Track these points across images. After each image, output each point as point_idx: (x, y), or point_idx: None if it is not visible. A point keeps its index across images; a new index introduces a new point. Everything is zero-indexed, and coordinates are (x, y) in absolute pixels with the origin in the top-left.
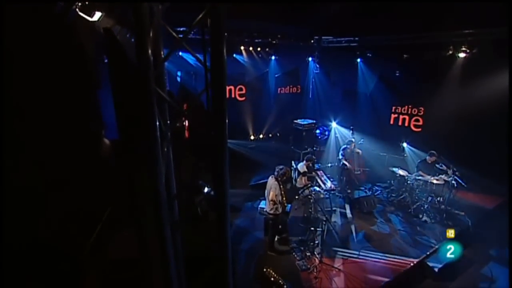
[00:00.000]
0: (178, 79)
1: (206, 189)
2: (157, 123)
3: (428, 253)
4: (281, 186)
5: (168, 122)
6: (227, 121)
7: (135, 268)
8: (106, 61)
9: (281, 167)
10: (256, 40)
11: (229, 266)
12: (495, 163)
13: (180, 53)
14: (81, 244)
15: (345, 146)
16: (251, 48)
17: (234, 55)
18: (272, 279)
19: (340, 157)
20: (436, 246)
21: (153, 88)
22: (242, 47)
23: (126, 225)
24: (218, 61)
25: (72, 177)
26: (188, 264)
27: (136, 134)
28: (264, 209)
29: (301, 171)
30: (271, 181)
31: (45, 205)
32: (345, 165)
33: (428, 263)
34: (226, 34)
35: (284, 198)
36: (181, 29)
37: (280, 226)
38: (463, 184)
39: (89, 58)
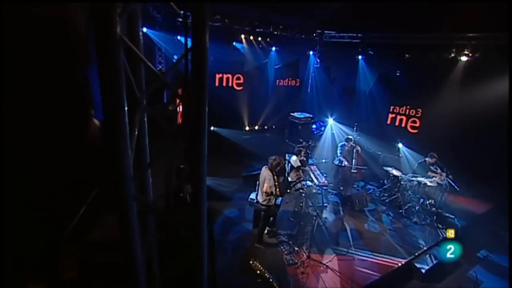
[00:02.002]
0: (174, 62)
1: None
2: (123, 83)
3: (416, 254)
4: (275, 177)
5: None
6: (206, 90)
7: (116, 252)
8: None
9: (274, 157)
10: (258, 30)
11: (203, 253)
12: (488, 169)
13: (178, 37)
14: (62, 225)
15: (343, 143)
16: (251, 37)
17: (234, 43)
18: (258, 272)
19: (339, 154)
20: (425, 248)
21: (118, 36)
22: (242, 36)
23: (112, 208)
24: (199, 46)
25: (58, 158)
26: (169, 250)
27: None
28: (255, 200)
29: (295, 165)
30: (265, 172)
31: (27, 185)
32: (342, 162)
33: (416, 264)
34: (227, 21)
35: (277, 189)
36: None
37: (271, 218)
38: (456, 187)
39: (80, 31)
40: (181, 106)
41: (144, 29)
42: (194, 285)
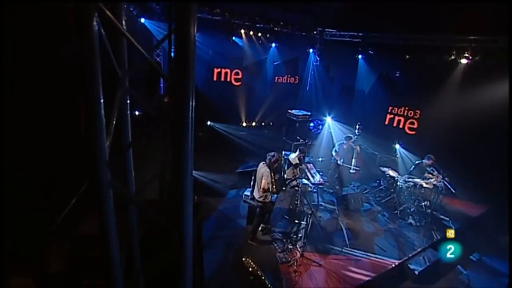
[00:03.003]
0: (172, 54)
1: None
2: (97, 54)
3: (410, 255)
4: (272, 174)
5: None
6: (191, 75)
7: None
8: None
9: (272, 153)
10: (258, 25)
11: (186, 247)
12: (484, 172)
13: None
14: (51, 218)
15: (341, 142)
16: (251, 33)
17: (234, 38)
18: (251, 269)
19: (334, 153)
20: (419, 249)
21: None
22: (242, 31)
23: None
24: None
25: (49, 148)
26: (154, 244)
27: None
28: (250, 197)
29: (293, 162)
30: (262, 168)
31: (16, 176)
32: (336, 160)
33: (409, 266)
34: (227, 15)
35: (274, 186)
36: None
37: (267, 215)
38: (452, 190)
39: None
40: None
41: (142, 20)
42: (177, 280)
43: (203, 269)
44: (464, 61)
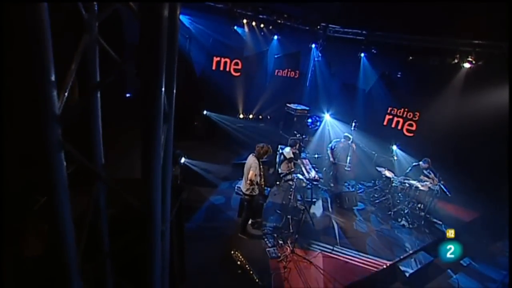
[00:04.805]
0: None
1: (183, 159)
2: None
3: (401, 257)
4: (261, 166)
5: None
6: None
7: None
8: None
9: (261, 145)
10: (261, 16)
11: (155, 231)
12: (479, 178)
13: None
14: (33, 199)
15: (338, 140)
16: (254, 23)
17: (236, 27)
18: (239, 262)
19: (328, 150)
20: (411, 251)
21: None
22: (244, 20)
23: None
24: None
25: (33, 125)
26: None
27: None
28: (241, 189)
29: (287, 156)
30: (251, 159)
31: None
32: (332, 158)
33: (400, 267)
34: (230, 4)
35: (262, 180)
36: None
37: (256, 209)
38: (447, 193)
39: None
40: None
41: None
42: (146, 265)
43: (183, 257)
44: (467, 65)
